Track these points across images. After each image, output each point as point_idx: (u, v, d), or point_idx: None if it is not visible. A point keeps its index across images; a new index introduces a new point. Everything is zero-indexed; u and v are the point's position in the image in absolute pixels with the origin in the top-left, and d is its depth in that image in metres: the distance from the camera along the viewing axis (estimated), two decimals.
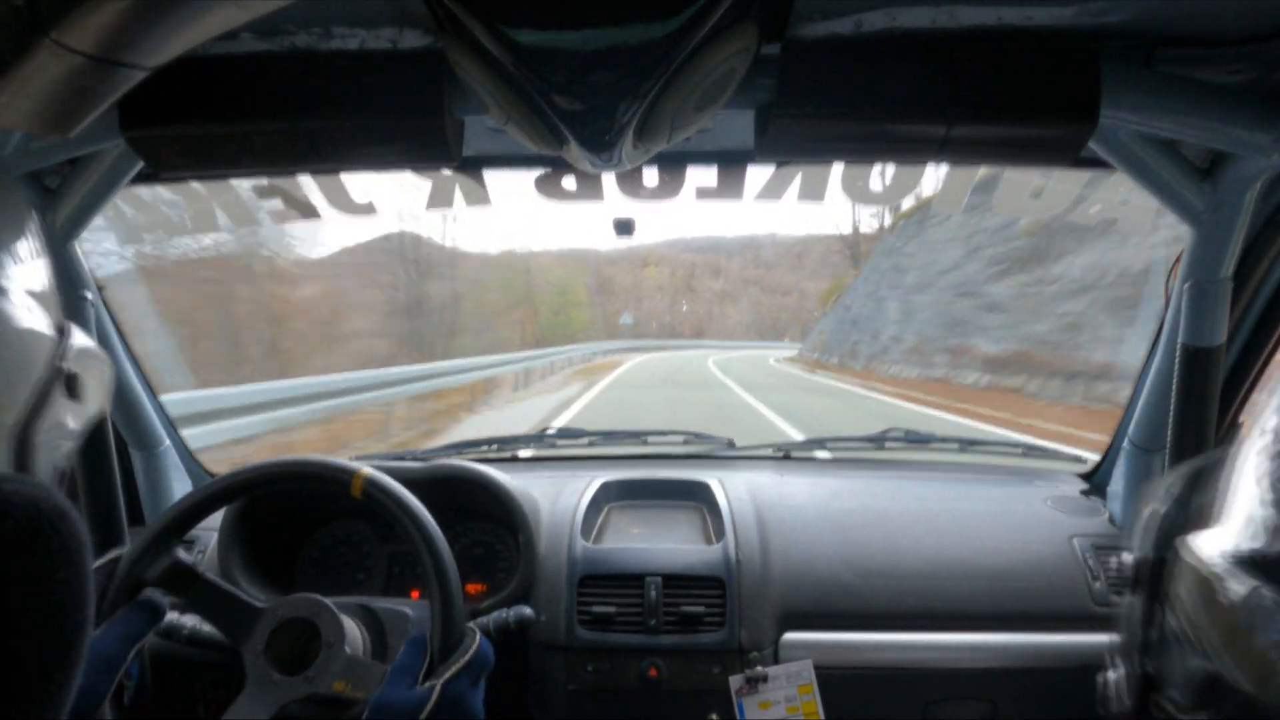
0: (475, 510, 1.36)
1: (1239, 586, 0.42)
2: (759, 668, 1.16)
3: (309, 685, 0.95)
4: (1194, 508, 0.56)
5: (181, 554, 1.01)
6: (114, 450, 1.23)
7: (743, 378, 17.44)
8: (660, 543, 1.31)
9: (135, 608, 0.93)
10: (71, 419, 0.52)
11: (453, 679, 0.86)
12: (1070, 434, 7.19)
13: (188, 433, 1.53)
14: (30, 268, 0.49)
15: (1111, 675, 0.60)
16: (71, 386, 0.51)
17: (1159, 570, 0.55)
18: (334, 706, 1.02)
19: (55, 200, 1.04)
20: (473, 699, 0.87)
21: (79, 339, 0.52)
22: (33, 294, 0.48)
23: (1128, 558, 0.63)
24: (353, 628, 1.04)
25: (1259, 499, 0.44)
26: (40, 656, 0.40)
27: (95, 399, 0.55)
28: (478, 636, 0.92)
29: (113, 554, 1.02)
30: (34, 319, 0.48)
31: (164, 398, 1.46)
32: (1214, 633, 0.44)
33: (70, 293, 1.13)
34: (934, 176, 1.16)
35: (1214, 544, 0.46)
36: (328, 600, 1.00)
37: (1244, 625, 0.41)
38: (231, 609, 1.00)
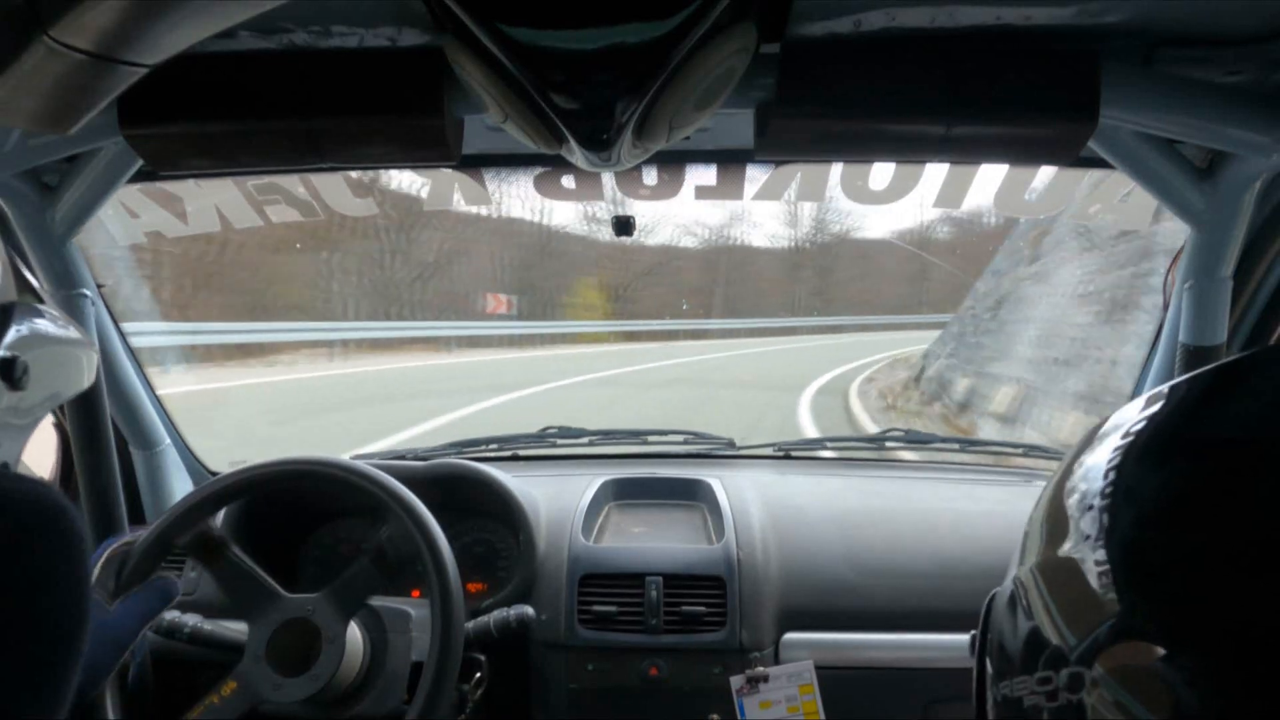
0: (476, 509, 1.36)
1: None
2: (760, 667, 1.16)
3: (313, 683, 0.96)
4: None
5: (213, 525, 1.02)
6: (114, 449, 1.23)
7: None
8: (661, 542, 1.31)
9: (149, 587, 0.93)
10: (13, 415, 0.50)
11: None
12: None
13: None
14: None
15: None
16: (10, 375, 0.50)
17: None
18: (334, 707, 1.02)
19: (54, 198, 1.04)
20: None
21: (37, 327, 0.51)
22: None
23: None
24: (354, 628, 1.04)
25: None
26: (39, 651, 0.40)
27: (52, 387, 0.54)
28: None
29: (127, 537, 1.02)
30: None
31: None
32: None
33: (69, 290, 1.13)
34: (934, 177, 1.16)
35: None
36: (316, 595, 1.00)
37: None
38: (253, 587, 1.01)
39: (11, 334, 0.50)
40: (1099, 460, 0.41)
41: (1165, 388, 0.40)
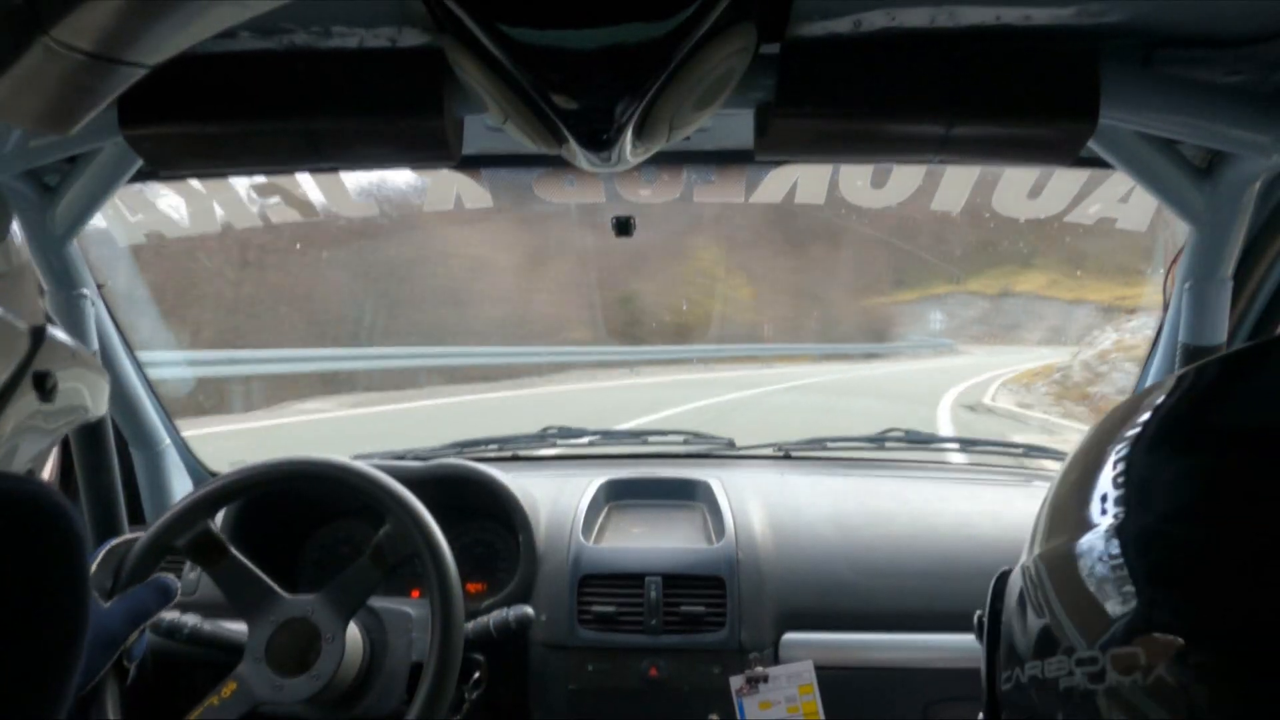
0: (475, 510, 1.36)
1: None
2: (759, 668, 1.16)
3: (313, 684, 0.96)
4: None
5: (212, 526, 1.02)
6: (114, 450, 1.23)
7: None
8: (661, 542, 1.31)
9: (146, 586, 0.92)
10: (42, 420, 0.52)
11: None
12: None
13: None
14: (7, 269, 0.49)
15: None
16: (43, 387, 0.51)
17: None
18: (334, 707, 1.02)
19: (54, 198, 1.04)
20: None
21: (63, 341, 0.53)
22: (7, 293, 0.49)
23: None
24: (353, 628, 1.04)
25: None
26: (38, 653, 0.40)
27: (75, 403, 0.55)
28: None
29: (128, 535, 1.02)
30: (6, 317, 0.49)
31: None
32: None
33: (69, 291, 1.13)
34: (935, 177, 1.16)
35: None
36: (315, 595, 1.00)
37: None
38: (252, 588, 1.01)
39: (45, 351, 0.52)
40: (1110, 452, 0.41)
41: (1172, 378, 0.40)
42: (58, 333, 0.53)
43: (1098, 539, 0.38)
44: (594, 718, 1.21)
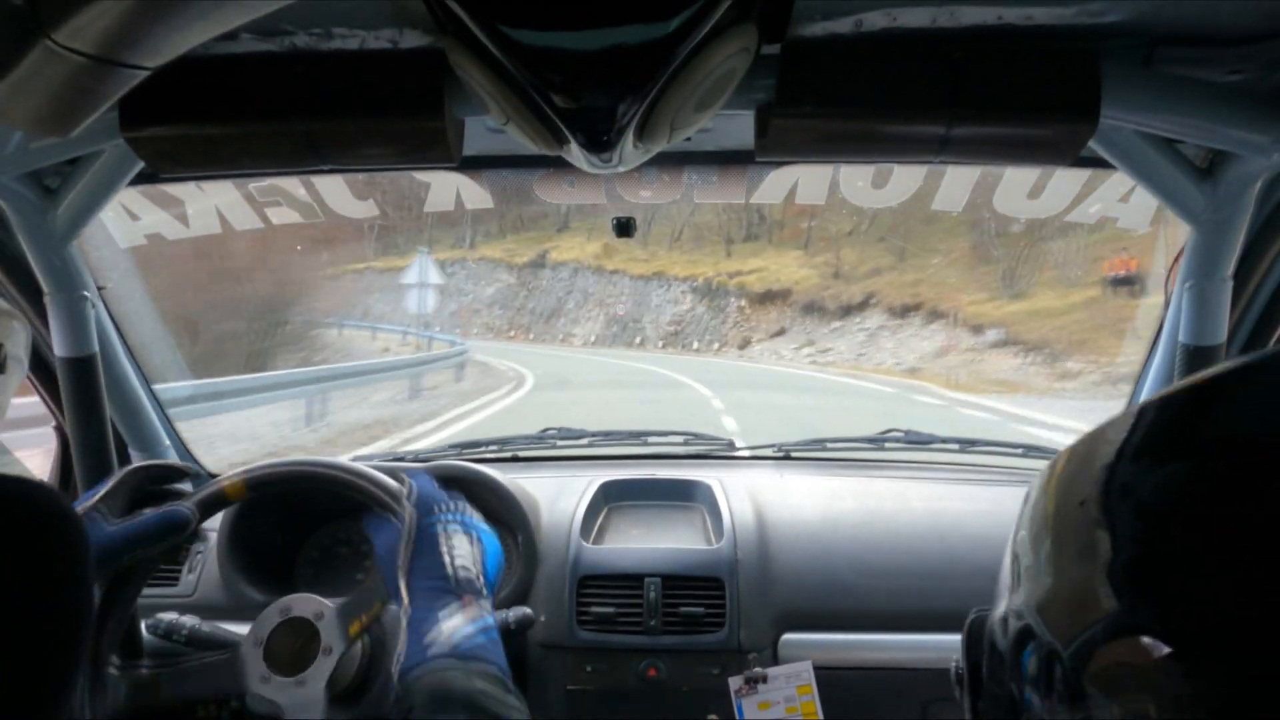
0: (475, 510, 1.36)
1: None
2: (758, 668, 1.16)
3: (301, 687, 0.95)
4: None
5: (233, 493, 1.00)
6: (114, 452, 1.23)
7: None
8: (660, 543, 1.31)
9: (162, 513, 0.89)
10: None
11: None
12: None
13: None
14: None
15: None
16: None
17: None
18: (332, 708, 1.02)
19: (55, 200, 1.04)
20: None
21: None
22: None
23: None
24: None
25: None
26: (41, 651, 0.41)
27: (18, 365, 0.55)
28: None
29: (151, 461, 0.99)
30: None
31: None
32: None
33: (69, 293, 1.13)
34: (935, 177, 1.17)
35: None
36: (330, 603, 0.99)
37: None
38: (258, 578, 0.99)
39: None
40: (1090, 462, 0.41)
41: (1155, 398, 0.40)
42: None
43: (1080, 547, 0.39)
44: (593, 718, 1.21)
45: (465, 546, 0.83)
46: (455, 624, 0.74)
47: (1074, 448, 0.45)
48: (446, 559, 0.80)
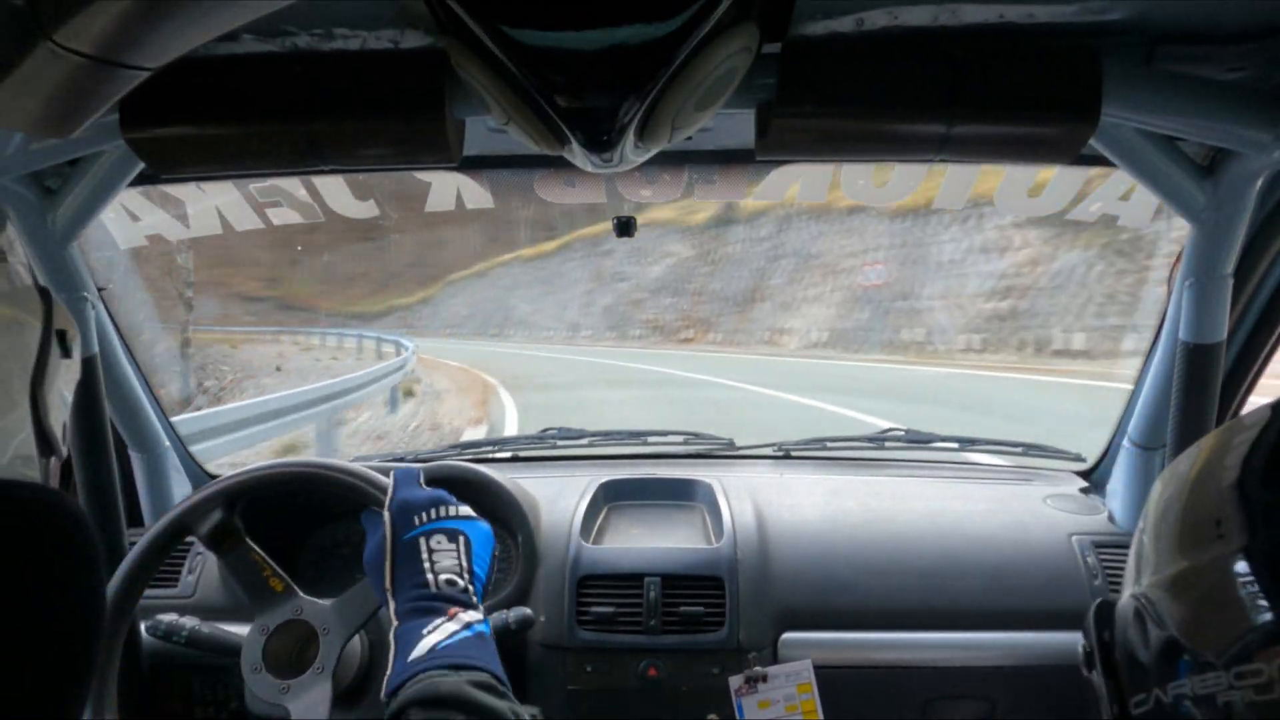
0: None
1: None
2: (758, 667, 1.16)
3: (301, 688, 0.95)
4: None
5: (235, 516, 1.01)
6: (113, 452, 1.23)
7: None
8: (660, 543, 1.31)
9: None
10: (65, 376, 0.53)
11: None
12: None
13: None
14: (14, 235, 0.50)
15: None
16: (64, 343, 0.52)
17: None
18: (333, 707, 1.02)
19: (55, 201, 1.04)
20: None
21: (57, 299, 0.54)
22: (18, 258, 0.50)
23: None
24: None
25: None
26: (55, 657, 0.41)
27: (78, 355, 0.57)
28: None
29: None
30: (26, 277, 0.50)
31: None
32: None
33: (69, 294, 1.13)
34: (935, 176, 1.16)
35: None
36: (329, 604, 0.99)
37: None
38: (263, 582, 1.00)
39: (58, 309, 0.53)
40: (1230, 468, 0.42)
41: (1265, 409, 0.41)
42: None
43: (1226, 555, 0.40)
44: (593, 718, 1.21)
45: (449, 553, 0.82)
46: (439, 637, 0.74)
47: (1204, 449, 0.46)
48: (429, 575, 0.78)
